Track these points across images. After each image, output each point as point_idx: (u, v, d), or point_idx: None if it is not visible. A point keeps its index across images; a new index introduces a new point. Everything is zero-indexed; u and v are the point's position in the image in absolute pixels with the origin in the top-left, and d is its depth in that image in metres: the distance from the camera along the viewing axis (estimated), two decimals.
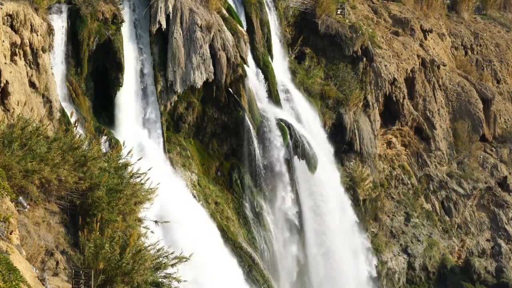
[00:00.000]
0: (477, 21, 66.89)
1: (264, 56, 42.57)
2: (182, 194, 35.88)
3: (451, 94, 57.18)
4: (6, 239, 16.31)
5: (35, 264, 18.12)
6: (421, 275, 49.72)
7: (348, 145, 46.79)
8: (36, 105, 28.61)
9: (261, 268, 37.50)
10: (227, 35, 38.60)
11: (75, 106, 32.77)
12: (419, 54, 54.73)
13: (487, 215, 54.87)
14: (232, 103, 38.96)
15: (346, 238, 43.96)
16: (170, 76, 36.71)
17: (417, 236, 50.28)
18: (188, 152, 38.16)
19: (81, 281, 18.15)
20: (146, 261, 19.59)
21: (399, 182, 52.06)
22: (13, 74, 26.91)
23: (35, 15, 29.37)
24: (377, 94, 50.23)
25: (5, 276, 14.21)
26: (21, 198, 19.30)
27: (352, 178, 46.33)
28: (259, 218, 39.53)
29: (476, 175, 55.16)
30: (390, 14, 57.85)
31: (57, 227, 20.59)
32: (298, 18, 47.99)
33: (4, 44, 26.96)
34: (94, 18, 33.55)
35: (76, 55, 33.41)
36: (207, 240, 34.11)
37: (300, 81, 46.01)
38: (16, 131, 20.70)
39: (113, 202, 20.92)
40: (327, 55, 48.19)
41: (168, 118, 37.43)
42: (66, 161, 20.90)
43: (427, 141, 53.90)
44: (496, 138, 58.52)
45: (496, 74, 62.95)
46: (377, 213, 49.37)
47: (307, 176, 41.54)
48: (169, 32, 36.82)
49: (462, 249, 52.83)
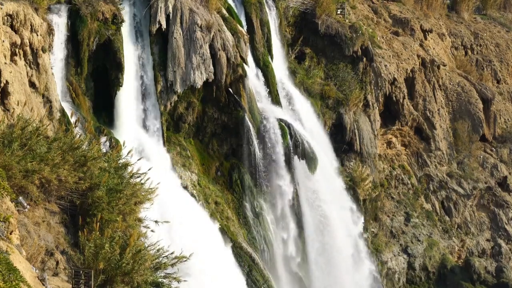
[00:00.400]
0: (477, 21, 66.87)
1: (264, 56, 42.57)
2: (182, 194, 35.89)
3: (451, 94, 57.17)
4: (6, 239, 16.31)
5: (35, 264, 18.12)
6: (421, 275, 49.70)
7: (348, 145, 46.78)
8: (36, 105, 28.60)
9: (261, 268, 37.50)
10: (227, 35, 38.60)
11: (75, 106, 32.77)
12: (419, 54, 54.71)
13: (487, 215, 54.85)
14: (232, 103, 38.96)
15: (346, 237, 43.94)
16: (170, 76, 36.71)
17: (417, 236, 50.26)
18: (188, 152, 38.16)
19: (81, 281, 18.15)
20: (146, 261, 19.60)
21: (399, 182, 52.04)
22: (13, 74, 26.91)
23: (35, 15, 29.37)
24: (377, 94, 50.22)
25: (5, 276, 14.21)
26: (21, 198, 19.30)
27: (352, 178, 46.30)
28: (259, 218, 39.51)
29: (476, 175, 55.15)
30: (390, 14, 57.83)
31: (57, 227, 20.59)
32: (298, 18, 47.98)
33: (4, 44, 26.96)
34: (94, 18, 33.55)
35: (76, 55, 33.40)
36: (208, 240, 34.11)
37: (300, 81, 46.00)
38: (16, 131, 20.70)
39: (113, 202, 20.94)
40: (327, 55, 48.19)
41: (168, 118, 37.42)
42: (66, 161, 20.91)
43: (427, 141, 53.89)
44: (496, 138, 58.50)
45: (496, 74, 62.93)
46: (377, 213, 49.35)
47: (307, 176, 41.53)
48: (169, 32, 36.82)
49: (462, 249, 52.80)
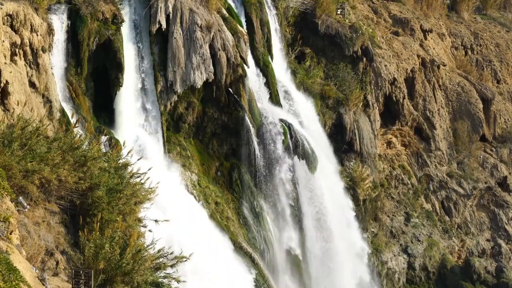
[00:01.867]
0: (477, 21, 66.85)
1: (264, 56, 42.56)
2: (182, 194, 35.89)
3: (451, 94, 57.17)
4: (6, 239, 16.31)
5: (35, 264, 18.12)
6: (421, 275, 49.69)
7: (348, 145, 46.76)
8: (36, 105, 28.61)
9: (261, 268, 37.50)
10: (227, 35, 38.60)
11: (75, 106, 32.77)
12: (419, 54, 54.70)
13: (487, 215, 54.84)
14: (232, 103, 38.96)
15: (346, 237, 43.96)
16: (170, 76, 36.70)
17: (417, 236, 50.26)
18: (188, 152, 38.16)
19: (81, 281, 18.15)
20: (146, 261, 19.60)
21: (399, 182, 52.03)
22: (13, 74, 26.91)
23: (35, 15, 29.37)
24: (377, 94, 50.22)
25: (5, 276, 14.21)
26: (21, 198, 19.30)
27: (352, 178, 46.29)
28: (259, 218, 39.52)
29: (476, 175, 55.13)
30: (390, 14, 57.82)
31: (57, 227, 20.59)
32: (298, 18, 47.96)
33: (4, 44, 26.96)
34: (94, 18, 33.54)
35: (76, 55, 33.39)
36: (207, 240, 34.12)
37: (300, 81, 45.98)
38: (16, 131, 20.70)
39: (113, 202, 20.94)
40: (327, 55, 48.18)
41: (168, 118, 37.42)
42: (66, 161, 20.91)
43: (427, 141, 53.87)
44: (496, 138, 58.49)
45: (496, 74, 62.91)
46: (377, 213, 49.34)
47: (307, 176, 41.53)
48: (169, 32, 36.81)
49: (462, 249, 52.80)
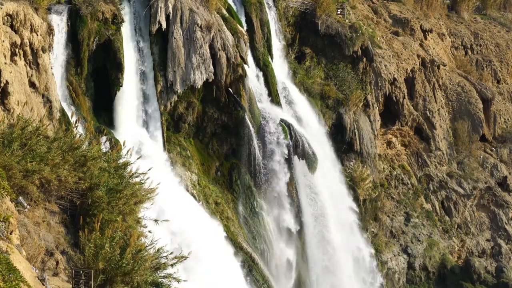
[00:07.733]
0: (477, 21, 66.85)
1: (264, 56, 42.57)
2: (182, 194, 35.88)
3: (451, 94, 57.17)
4: (6, 239, 16.30)
5: (35, 264, 18.10)
6: (421, 275, 49.70)
7: (348, 145, 46.77)
8: (36, 105, 28.61)
9: (261, 268, 37.50)
10: (227, 35, 38.60)
11: (75, 106, 32.78)
12: (419, 54, 54.71)
13: (487, 215, 54.85)
14: (232, 103, 38.95)
15: (346, 237, 43.97)
16: (170, 76, 36.70)
17: (417, 236, 50.26)
18: (188, 152, 38.16)
19: (81, 281, 18.12)
20: (146, 261, 19.58)
21: (399, 182, 52.04)
22: (13, 74, 26.91)
23: (35, 15, 29.36)
24: (377, 94, 50.23)
25: (5, 276, 14.19)
26: (21, 198, 19.28)
27: (352, 178, 46.30)
28: (259, 218, 39.52)
29: (476, 175, 55.14)
30: (390, 14, 57.82)
31: (57, 227, 20.57)
32: (298, 18, 47.96)
33: (4, 44, 26.96)
34: (94, 18, 33.54)
35: (76, 55, 33.40)
36: (207, 240, 34.11)
37: (300, 81, 45.99)
38: (16, 131, 20.67)
39: (113, 202, 20.90)
40: (327, 55, 48.18)
41: (168, 118, 37.42)
42: (66, 161, 20.87)
43: (427, 141, 53.89)
44: (496, 138, 58.50)
45: (496, 74, 62.91)
46: (377, 213, 49.35)
47: (307, 176, 41.54)
48: (169, 32, 36.82)
49: (462, 249, 52.81)
